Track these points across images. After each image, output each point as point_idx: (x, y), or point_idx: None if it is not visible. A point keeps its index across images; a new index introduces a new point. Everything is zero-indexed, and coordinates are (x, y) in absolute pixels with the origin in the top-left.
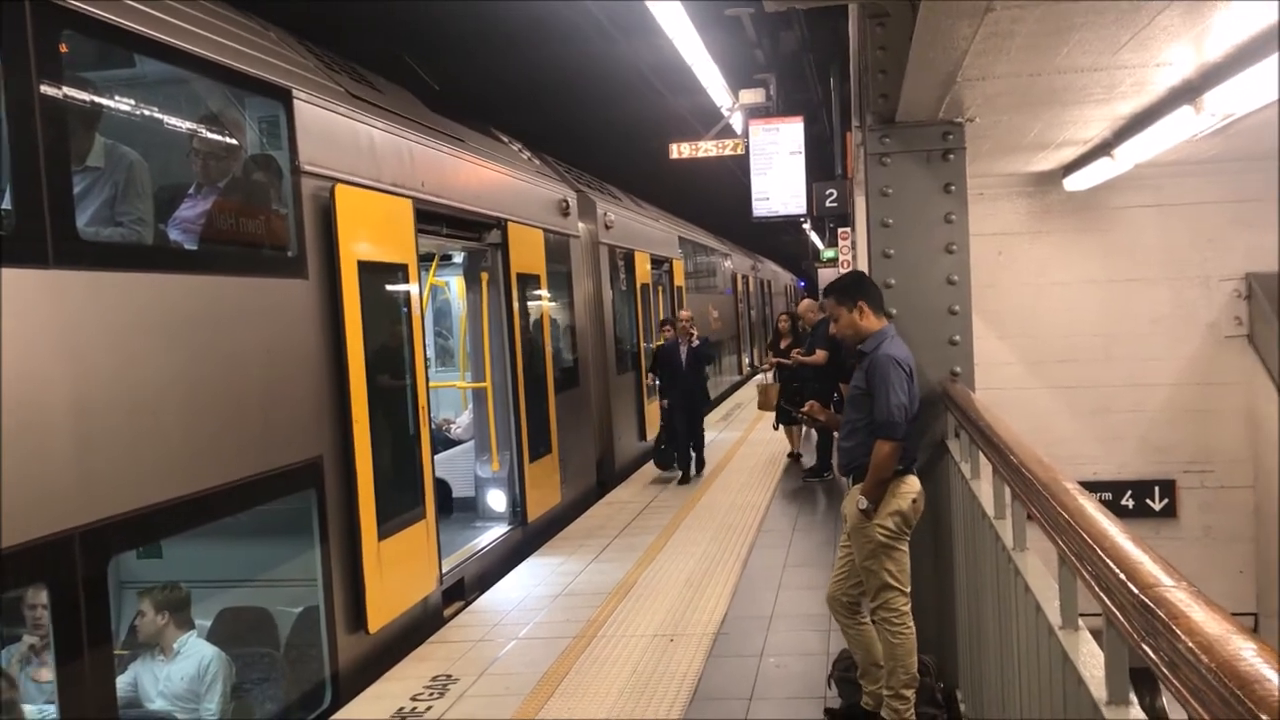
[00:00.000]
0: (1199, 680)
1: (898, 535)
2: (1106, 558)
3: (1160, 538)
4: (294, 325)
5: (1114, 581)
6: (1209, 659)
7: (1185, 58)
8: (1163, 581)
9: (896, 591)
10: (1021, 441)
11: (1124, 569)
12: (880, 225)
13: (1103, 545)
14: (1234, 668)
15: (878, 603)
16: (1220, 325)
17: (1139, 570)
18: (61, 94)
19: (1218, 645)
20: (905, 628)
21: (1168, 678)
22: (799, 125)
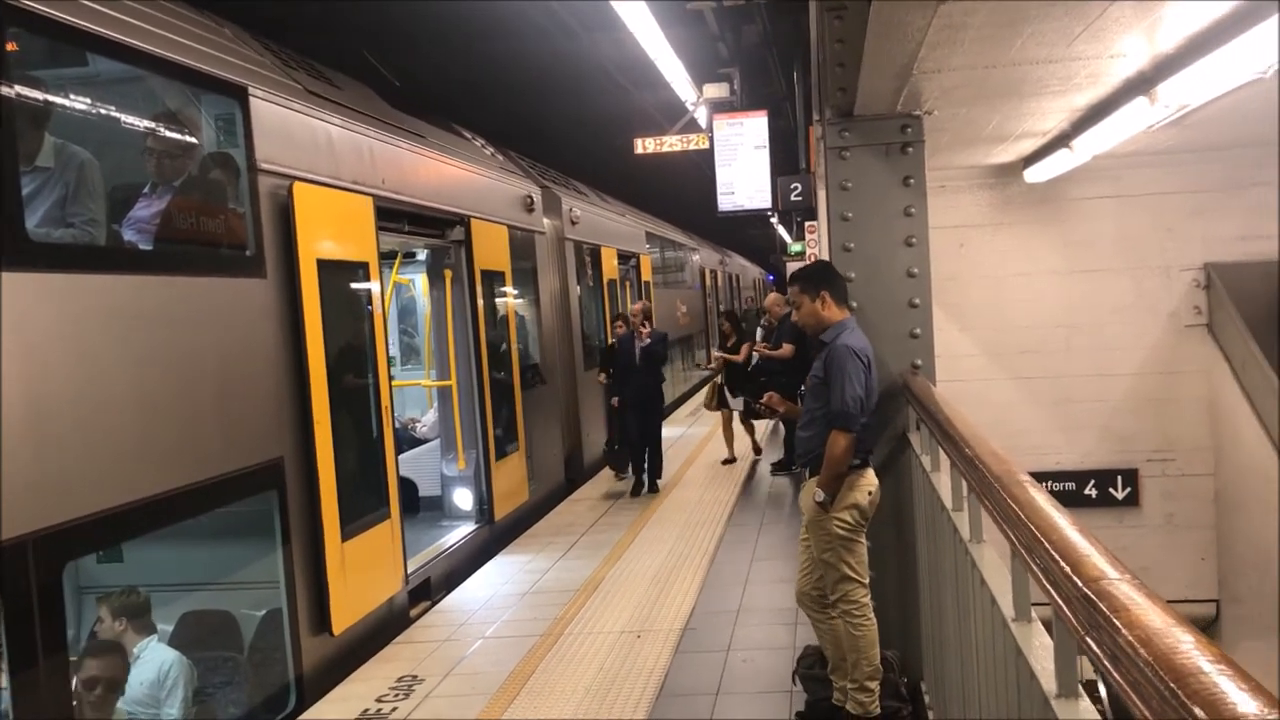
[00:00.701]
0: (1138, 674)
1: (855, 528)
2: (1053, 550)
3: (1123, 526)
4: (253, 325)
5: (1060, 574)
6: (1147, 652)
7: (1139, 49)
8: (1108, 574)
9: (855, 584)
10: (977, 434)
11: (1069, 561)
12: (840, 219)
13: (1050, 538)
14: (1171, 661)
15: (837, 595)
16: (1180, 315)
17: (1084, 563)
18: (11, 93)
19: (1157, 639)
20: (865, 619)
21: (1110, 671)
22: (763, 120)
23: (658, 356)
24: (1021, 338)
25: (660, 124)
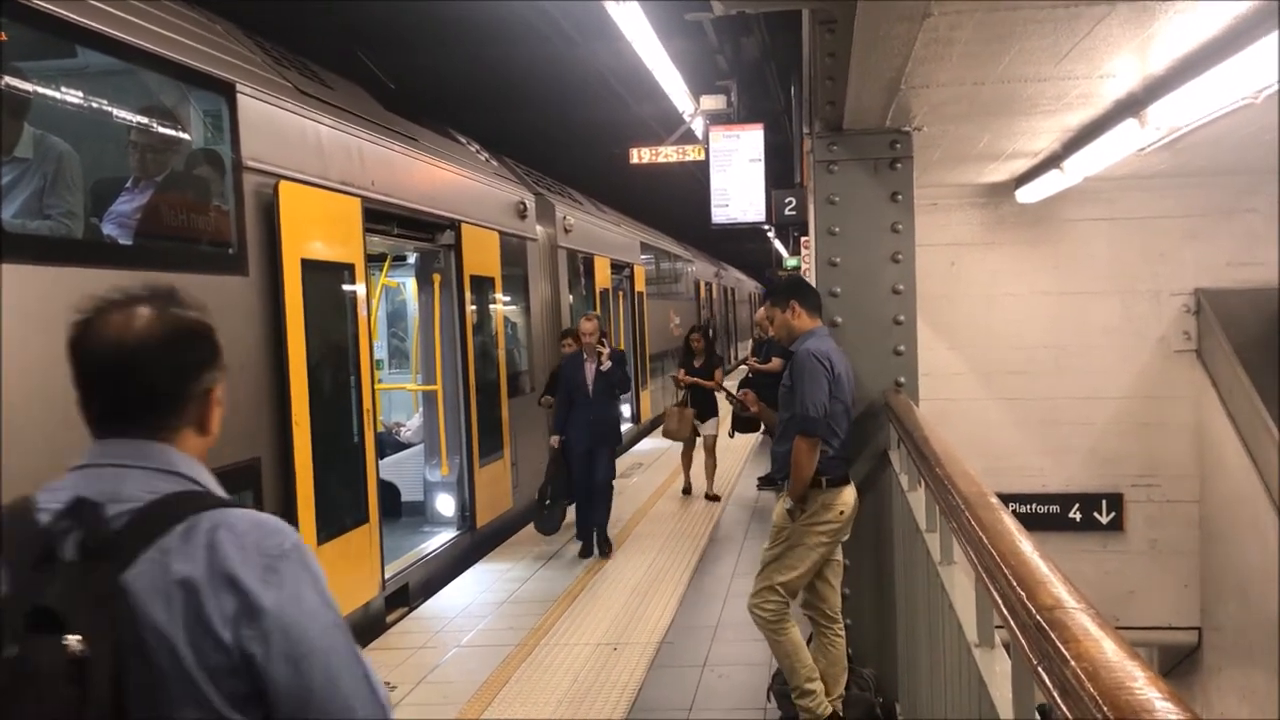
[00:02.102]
0: (1084, 709)
1: (815, 546)
2: (1011, 576)
3: (1107, 551)
4: (233, 323)
5: (1016, 600)
6: (1094, 686)
7: (1129, 69)
8: (1064, 602)
9: (774, 594)
10: (950, 454)
11: (1026, 588)
12: (827, 233)
13: (1010, 563)
14: (1117, 697)
15: (755, 599)
16: (1169, 339)
17: (1039, 590)
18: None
19: (1104, 671)
20: (781, 625)
21: (1058, 703)
22: (759, 132)
23: (620, 382)
24: (1010, 358)
25: (657, 134)
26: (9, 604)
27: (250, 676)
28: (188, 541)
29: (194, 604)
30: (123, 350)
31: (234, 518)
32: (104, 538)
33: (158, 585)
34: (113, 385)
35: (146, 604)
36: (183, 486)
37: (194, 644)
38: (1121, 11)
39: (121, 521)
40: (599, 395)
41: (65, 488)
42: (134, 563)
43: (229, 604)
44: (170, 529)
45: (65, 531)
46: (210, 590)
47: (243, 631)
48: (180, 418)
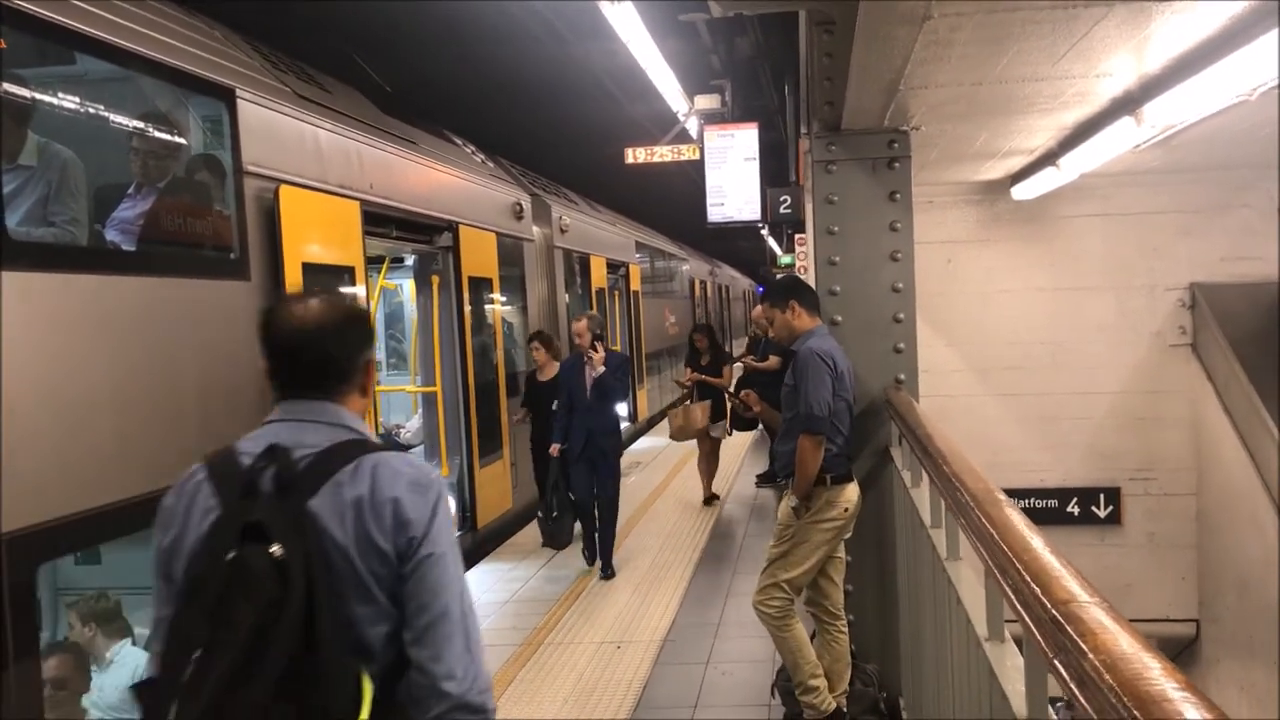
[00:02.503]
0: (1103, 699)
1: (820, 543)
2: (1025, 571)
3: (1105, 545)
4: (236, 328)
5: (1030, 595)
6: (1113, 677)
7: (1125, 69)
8: (1077, 597)
9: (780, 591)
10: (956, 451)
11: (1040, 583)
12: (826, 232)
13: (1022, 559)
14: (1136, 687)
15: (760, 595)
16: (1165, 334)
17: (1054, 585)
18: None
19: (1123, 664)
20: (785, 621)
21: (1076, 696)
22: (754, 131)
23: (616, 389)
24: (1007, 354)
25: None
26: (227, 521)
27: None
28: (355, 475)
29: (361, 521)
30: (305, 331)
31: (390, 457)
32: (292, 474)
33: (335, 508)
34: (296, 358)
35: (327, 523)
36: (350, 436)
37: (362, 554)
38: (1119, 12)
39: (305, 462)
40: (597, 401)
41: (260, 437)
42: (316, 493)
43: (389, 519)
44: (342, 467)
45: (263, 469)
46: (371, 509)
47: (399, 540)
48: (347, 384)
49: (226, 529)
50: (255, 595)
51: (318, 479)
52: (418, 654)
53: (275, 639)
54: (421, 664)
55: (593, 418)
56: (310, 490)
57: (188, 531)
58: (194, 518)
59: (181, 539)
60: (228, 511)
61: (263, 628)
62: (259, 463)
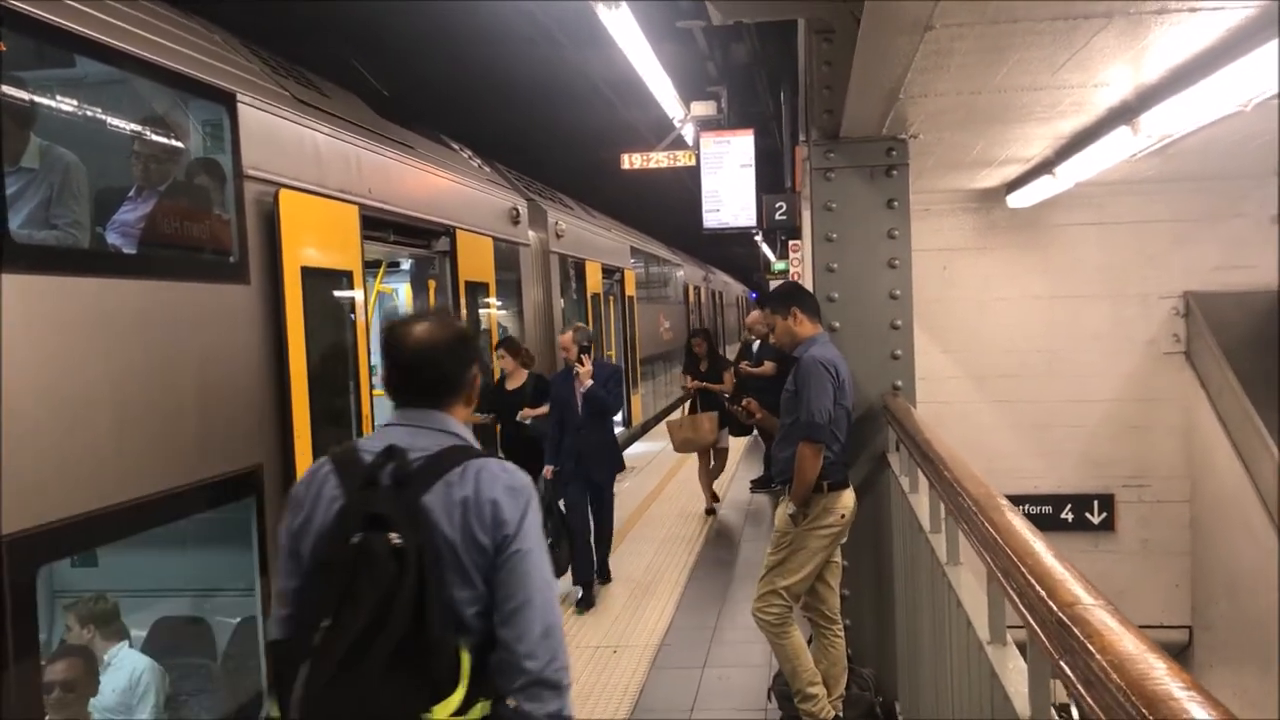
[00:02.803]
0: (1111, 699)
1: (818, 550)
2: (1029, 575)
3: (1099, 551)
4: (235, 331)
5: (1035, 598)
6: (1120, 677)
7: (1123, 79)
8: (1082, 599)
9: (779, 599)
10: (956, 457)
11: (1045, 586)
12: (824, 239)
13: (1027, 563)
14: (1143, 687)
15: (758, 603)
16: (1159, 342)
17: (1059, 588)
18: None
19: (1129, 663)
20: (784, 628)
21: (1083, 696)
22: (749, 138)
23: (609, 403)
24: (1002, 361)
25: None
26: (352, 510)
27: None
28: (463, 477)
29: (466, 518)
30: (422, 350)
31: (491, 463)
32: (408, 472)
33: (445, 505)
34: (415, 373)
35: (438, 518)
36: (456, 442)
37: (465, 546)
38: (1118, 24)
39: (419, 462)
40: (588, 419)
41: (378, 438)
42: (429, 490)
43: (489, 516)
44: (451, 469)
45: (382, 466)
46: (475, 508)
47: (496, 535)
48: (456, 395)
49: (352, 516)
50: (377, 576)
51: (430, 478)
52: (504, 634)
53: (392, 615)
54: (507, 643)
55: (585, 438)
56: (424, 487)
57: (315, 515)
58: (321, 504)
59: (309, 521)
60: (351, 501)
61: (382, 605)
62: (379, 460)
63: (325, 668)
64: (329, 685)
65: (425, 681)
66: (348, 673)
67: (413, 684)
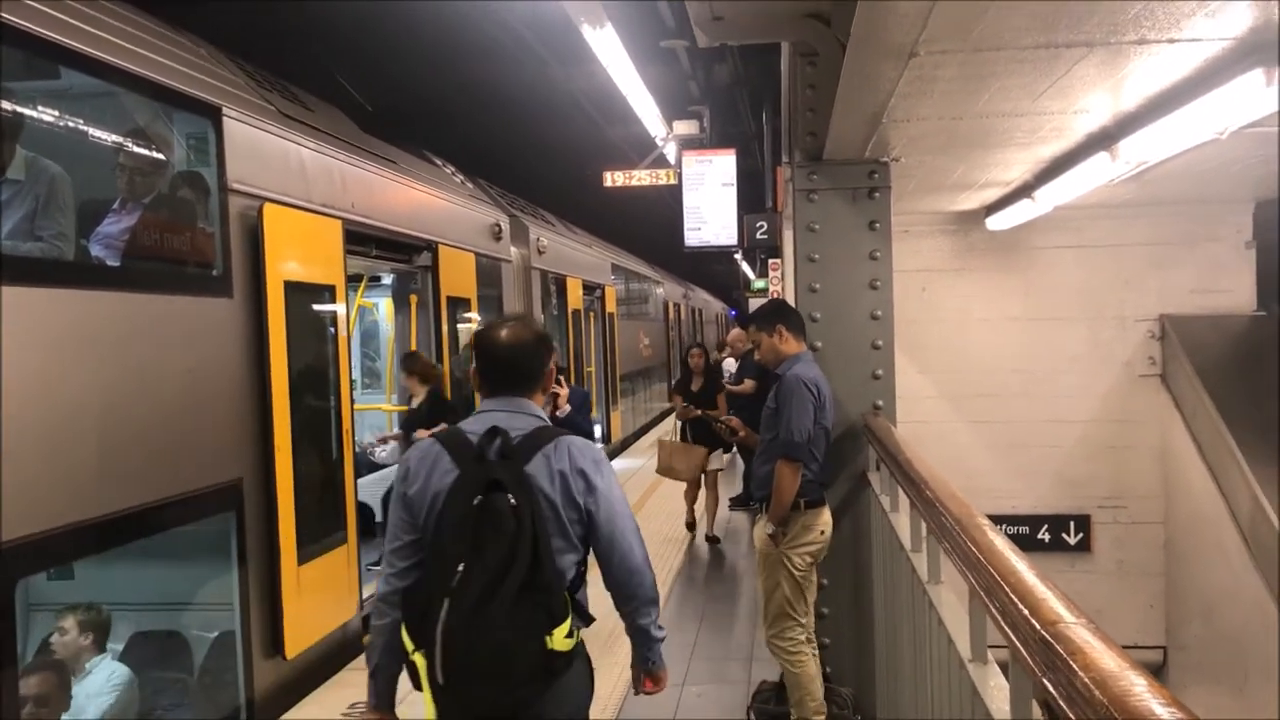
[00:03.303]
0: (1092, 715)
1: (803, 568)
2: (1012, 594)
3: (1075, 571)
4: (217, 345)
5: (1018, 617)
6: (1102, 694)
7: (1102, 106)
8: (1064, 618)
9: (793, 622)
10: (937, 476)
11: (1028, 605)
12: (807, 260)
13: (1009, 581)
14: (1125, 703)
15: (773, 631)
16: (1135, 364)
17: (1042, 606)
18: None
19: (1111, 681)
20: (801, 656)
21: (1065, 712)
22: (731, 157)
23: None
24: (980, 382)
25: (630, 157)
26: (470, 477)
27: (586, 525)
28: (556, 451)
29: (566, 484)
30: (511, 349)
31: (576, 439)
32: (511, 447)
33: (546, 473)
34: (504, 367)
35: (541, 483)
36: (540, 423)
37: (564, 506)
38: (1098, 53)
39: (517, 439)
40: None
41: (480, 421)
42: (530, 461)
43: (580, 484)
44: (546, 444)
45: (488, 443)
46: (571, 476)
47: (587, 499)
48: (536, 385)
49: (472, 483)
50: (501, 529)
51: (530, 451)
52: (616, 574)
53: (516, 559)
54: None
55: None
56: (526, 459)
57: (430, 484)
58: (435, 475)
59: (425, 489)
60: (467, 471)
61: (508, 552)
62: (485, 439)
63: (466, 603)
64: (470, 615)
65: (544, 612)
66: (485, 606)
67: (534, 614)
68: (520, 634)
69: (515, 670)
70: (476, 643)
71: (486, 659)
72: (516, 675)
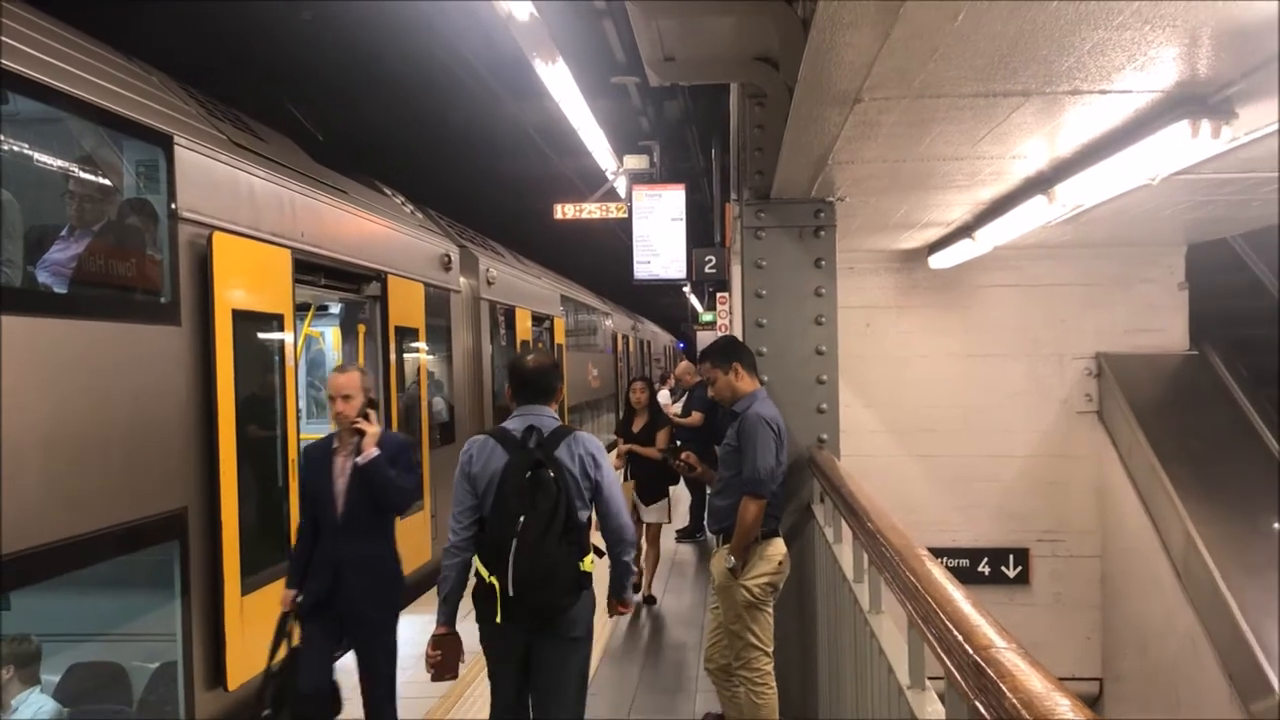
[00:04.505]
0: None
1: (764, 597)
2: (948, 621)
3: (1014, 604)
4: (163, 373)
5: (953, 642)
6: (1029, 714)
7: (1039, 152)
8: (995, 643)
9: (760, 652)
10: (879, 508)
11: (962, 631)
12: (754, 296)
13: (945, 609)
14: None
15: (740, 662)
16: (1072, 401)
17: (975, 633)
18: None
19: (1037, 701)
20: (767, 688)
21: None
22: (681, 192)
23: (399, 492)
24: (922, 416)
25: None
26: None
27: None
28: (573, 441)
29: (581, 463)
30: (535, 370)
31: (583, 434)
32: (543, 438)
33: (569, 455)
34: (534, 384)
35: (567, 464)
36: (558, 423)
37: (580, 477)
38: (1034, 102)
39: (547, 433)
40: (356, 513)
41: (518, 421)
42: (557, 448)
43: (591, 463)
44: (567, 437)
45: (528, 436)
46: (585, 458)
47: (595, 473)
48: (553, 397)
49: (522, 464)
50: (546, 493)
51: (556, 441)
52: (608, 522)
53: (556, 513)
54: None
55: (346, 543)
56: (554, 446)
57: (488, 466)
58: (491, 460)
59: (484, 470)
60: (516, 456)
61: (553, 508)
62: (524, 433)
63: (529, 541)
64: (531, 549)
65: (576, 547)
66: (540, 542)
67: (570, 548)
68: (562, 560)
69: (559, 583)
70: (536, 567)
71: (542, 576)
72: (560, 587)
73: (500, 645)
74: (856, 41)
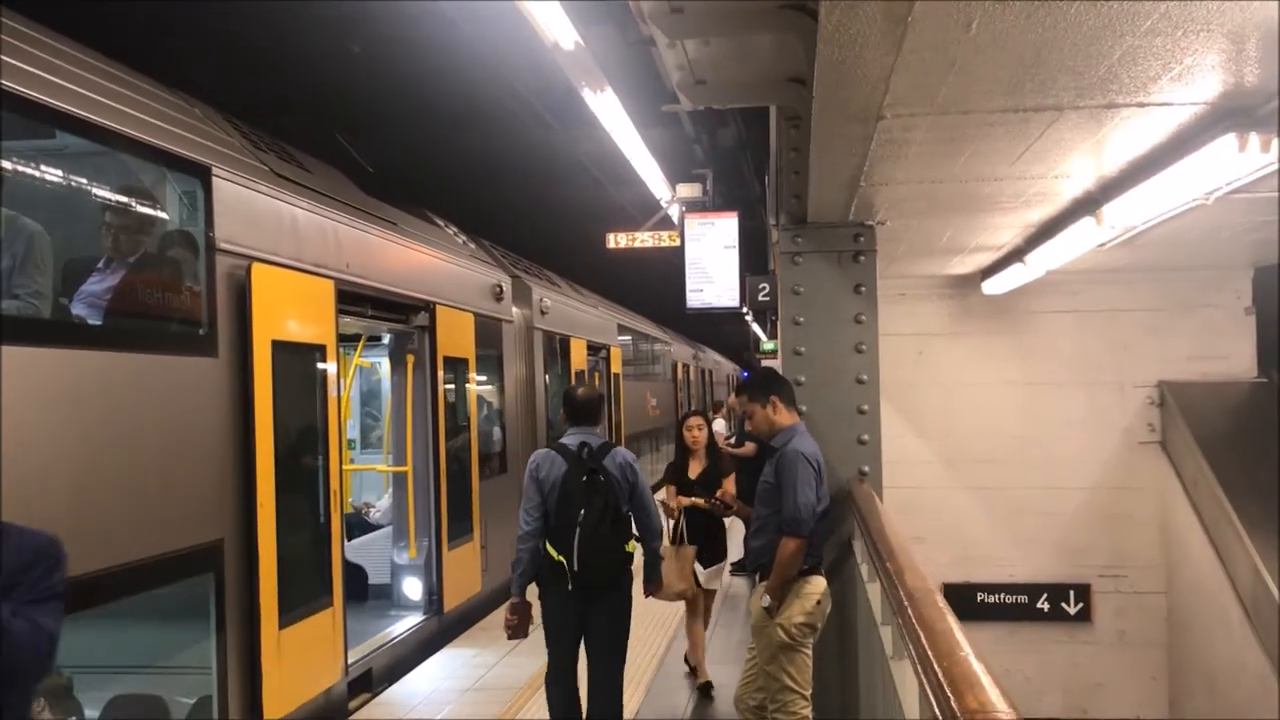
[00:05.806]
0: None
1: (800, 637)
2: (942, 676)
3: (1076, 642)
4: (200, 404)
5: (943, 701)
6: None
7: (1084, 170)
8: (990, 708)
9: (796, 695)
10: (902, 547)
11: (954, 690)
12: (792, 323)
13: (943, 663)
14: None
15: (776, 705)
16: (1134, 431)
17: (967, 694)
18: None
19: None
20: None
21: None
22: (734, 220)
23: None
24: (977, 446)
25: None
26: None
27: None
28: (616, 453)
29: (622, 471)
30: (585, 398)
31: (622, 448)
32: (595, 451)
33: (614, 465)
34: (582, 410)
35: (612, 470)
36: (605, 440)
37: (622, 481)
38: (1069, 117)
39: (595, 447)
40: None
41: (573, 438)
42: (605, 458)
43: (629, 470)
44: (613, 449)
45: (581, 449)
46: (625, 468)
47: (633, 478)
48: (600, 419)
49: (580, 470)
50: (599, 493)
51: (603, 454)
52: (641, 517)
53: (608, 507)
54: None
55: None
56: (603, 457)
57: (551, 473)
58: (554, 468)
59: (549, 475)
60: (574, 465)
61: (605, 504)
62: (579, 447)
63: (588, 529)
64: (590, 535)
65: (624, 534)
66: (597, 530)
67: (620, 535)
68: (614, 544)
69: (612, 561)
70: (594, 548)
71: (598, 554)
72: (612, 564)
73: (565, 612)
74: (868, 55)
